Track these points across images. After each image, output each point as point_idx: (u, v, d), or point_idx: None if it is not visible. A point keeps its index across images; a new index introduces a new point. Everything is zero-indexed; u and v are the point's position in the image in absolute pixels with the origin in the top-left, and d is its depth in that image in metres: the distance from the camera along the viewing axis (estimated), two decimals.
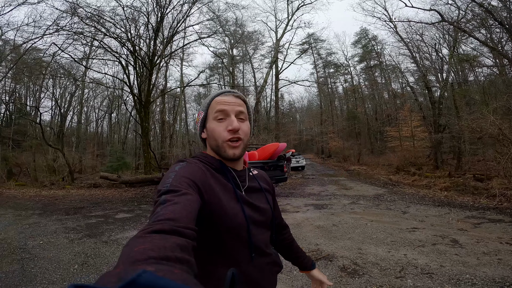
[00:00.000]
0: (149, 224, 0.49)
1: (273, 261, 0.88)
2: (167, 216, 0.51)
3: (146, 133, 12.84)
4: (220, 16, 15.09)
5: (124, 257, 0.38)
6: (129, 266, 0.34)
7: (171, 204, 0.56)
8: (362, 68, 35.01)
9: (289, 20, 22.92)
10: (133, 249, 0.39)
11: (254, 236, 0.78)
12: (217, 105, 0.81)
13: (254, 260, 0.77)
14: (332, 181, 12.34)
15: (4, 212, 6.49)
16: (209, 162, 0.80)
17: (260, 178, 0.94)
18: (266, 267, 0.83)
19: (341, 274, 2.86)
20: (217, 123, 0.80)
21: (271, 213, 0.88)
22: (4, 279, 2.87)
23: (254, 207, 0.82)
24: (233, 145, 0.80)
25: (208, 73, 30.61)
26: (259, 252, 0.80)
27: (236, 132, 0.79)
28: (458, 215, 5.41)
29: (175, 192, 0.60)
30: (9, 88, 22.50)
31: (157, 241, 0.42)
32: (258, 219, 0.81)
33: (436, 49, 17.00)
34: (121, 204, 7.58)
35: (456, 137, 12.93)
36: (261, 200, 0.87)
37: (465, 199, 7.01)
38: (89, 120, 31.43)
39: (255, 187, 0.88)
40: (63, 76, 18.16)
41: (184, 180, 0.66)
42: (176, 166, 0.74)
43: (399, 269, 2.93)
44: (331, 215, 5.72)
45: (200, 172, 0.73)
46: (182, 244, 0.44)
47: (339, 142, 30.49)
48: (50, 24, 11.62)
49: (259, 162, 7.89)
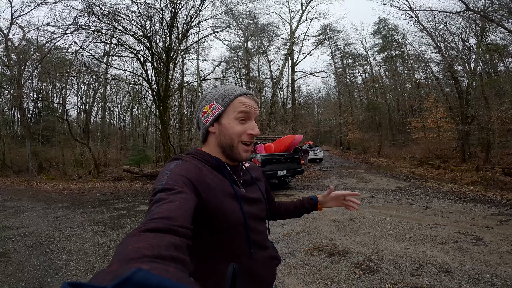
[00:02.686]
0: (144, 223, 0.49)
1: (271, 254, 0.89)
2: (162, 214, 0.51)
3: (165, 127, 13.09)
4: (233, 9, 14.96)
5: (118, 256, 0.38)
6: (123, 264, 0.34)
7: (166, 203, 0.55)
8: (382, 58, 33.74)
9: (303, 11, 22.34)
10: (127, 247, 0.39)
11: (252, 231, 0.79)
12: (242, 106, 0.80)
13: (254, 254, 0.78)
14: (350, 173, 12.12)
15: (35, 205, 6.87)
16: (204, 159, 0.80)
17: (251, 170, 0.96)
18: (265, 261, 0.84)
19: (354, 270, 2.82)
20: (238, 123, 0.80)
21: (265, 202, 0.90)
22: (32, 271, 3.04)
23: (250, 200, 0.83)
24: (247, 149, 0.82)
25: (224, 67, 30.76)
26: (258, 246, 0.82)
27: (253, 137, 0.82)
28: (484, 212, 5.15)
29: (170, 190, 0.60)
30: (36, 86, 23.74)
31: (151, 240, 0.42)
32: (254, 212, 0.83)
33: (462, 38, 16.00)
34: (142, 197, 7.85)
35: (485, 129, 12.25)
36: (255, 191, 0.88)
37: (493, 194, 6.67)
38: (112, 115, 32.64)
39: (249, 180, 0.89)
40: (86, 74, 18.83)
41: (179, 178, 0.65)
42: (171, 163, 0.74)
43: (416, 266, 2.85)
44: None
45: (196, 170, 0.73)
46: (177, 243, 0.44)
47: (358, 134, 29.81)
48: (70, 24, 12.00)
49: (275, 154, 7.88)
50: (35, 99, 23.63)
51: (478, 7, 12.50)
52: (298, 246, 3.60)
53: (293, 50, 22.60)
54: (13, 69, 15.19)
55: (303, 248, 3.52)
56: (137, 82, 21.09)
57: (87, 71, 17.56)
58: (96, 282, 0.27)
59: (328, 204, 1.06)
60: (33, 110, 26.04)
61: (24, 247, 3.80)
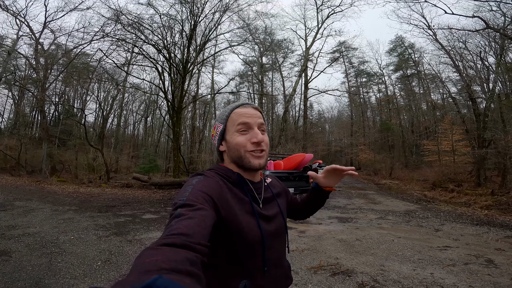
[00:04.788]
0: (162, 237, 0.51)
1: (285, 274, 0.88)
2: (181, 230, 0.52)
3: (177, 138, 13.31)
4: (250, 24, 15.41)
5: (136, 267, 0.39)
6: (141, 276, 0.35)
7: (186, 219, 0.57)
8: (397, 77, 33.28)
9: (319, 28, 22.68)
10: (145, 260, 0.41)
11: (268, 249, 0.78)
12: (239, 117, 0.81)
13: (267, 273, 0.77)
14: (359, 194, 11.84)
15: (43, 206, 6.98)
16: (226, 175, 0.81)
17: (273, 186, 0.95)
18: (279, 281, 0.83)
19: None
20: (240, 135, 0.81)
21: (283, 217, 0.88)
22: (31, 272, 3.05)
23: (268, 218, 0.82)
24: (257, 155, 0.81)
25: (238, 81, 31.16)
26: (273, 264, 0.80)
27: (260, 144, 0.80)
28: (497, 235, 4.95)
29: (190, 206, 0.61)
30: (59, 90, 24.71)
31: (168, 254, 0.43)
32: (273, 229, 0.82)
33: (481, 57, 15.76)
34: (148, 205, 7.89)
35: (502, 153, 11.82)
36: (273, 208, 0.87)
37: (507, 218, 6.45)
38: (127, 123, 33.43)
39: (269, 197, 0.88)
40: (107, 81, 19.55)
41: (200, 195, 0.67)
42: (193, 179, 0.75)
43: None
44: (356, 229, 5.47)
45: (217, 186, 0.74)
46: (192, 259, 0.45)
47: (369, 155, 29.23)
48: (97, 31, 12.65)
49: (284, 172, 7.82)
50: (57, 103, 24.55)
51: (498, 25, 12.36)
52: (302, 264, 3.50)
53: (307, 67, 22.83)
54: (39, 72, 15.81)
55: (307, 266, 3.42)
56: (153, 92, 21.71)
57: (108, 78, 18.22)
58: None
59: (331, 182, 0.99)
60: (53, 113, 27.02)
61: (26, 247, 3.83)
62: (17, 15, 15.78)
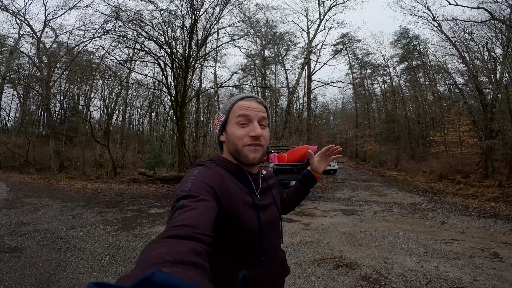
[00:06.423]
0: (166, 230, 0.51)
1: (282, 264, 0.90)
2: (185, 222, 0.53)
3: (182, 132, 13.38)
4: (251, 17, 15.24)
5: (141, 261, 0.40)
6: (146, 269, 0.35)
7: (189, 210, 0.57)
8: (402, 68, 32.87)
9: (321, 20, 22.28)
10: (150, 253, 0.41)
11: (266, 239, 0.79)
12: (240, 109, 0.81)
13: (264, 263, 0.79)
14: (365, 186, 11.81)
15: (52, 203, 7.11)
16: (226, 166, 0.81)
17: (268, 178, 0.97)
18: (276, 271, 0.85)
19: (361, 283, 2.73)
20: (239, 127, 0.80)
21: (277, 207, 0.91)
22: (41, 267, 3.12)
23: (265, 207, 0.84)
24: (254, 149, 0.80)
25: (241, 74, 31.07)
26: (270, 255, 0.82)
27: (258, 138, 0.80)
28: (504, 228, 4.91)
29: (193, 197, 0.62)
30: (64, 88, 24.91)
31: (173, 246, 0.44)
32: (268, 218, 0.83)
33: (488, 48, 15.42)
34: (155, 200, 7.98)
35: (510, 144, 11.65)
36: (268, 197, 0.89)
37: None
38: (132, 119, 33.68)
39: (265, 187, 0.90)
40: (110, 77, 19.61)
41: (202, 186, 0.67)
42: (195, 170, 0.75)
43: (426, 281, 2.73)
44: (360, 221, 5.48)
45: (218, 177, 0.74)
46: (197, 249, 0.45)
47: (375, 146, 29.06)
48: (98, 28, 12.64)
49: (287, 164, 7.83)
50: (62, 100, 24.79)
51: (504, 16, 12.08)
52: (306, 256, 3.53)
53: (310, 59, 22.56)
54: (43, 71, 15.92)
55: (310, 258, 3.45)
56: (157, 87, 21.75)
57: (111, 74, 18.27)
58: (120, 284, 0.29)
59: (320, 168, 1.08)
60: (59, 111, 27.35)
61: (37, 243, 3.90)
62: (16, 14, 15.81)
